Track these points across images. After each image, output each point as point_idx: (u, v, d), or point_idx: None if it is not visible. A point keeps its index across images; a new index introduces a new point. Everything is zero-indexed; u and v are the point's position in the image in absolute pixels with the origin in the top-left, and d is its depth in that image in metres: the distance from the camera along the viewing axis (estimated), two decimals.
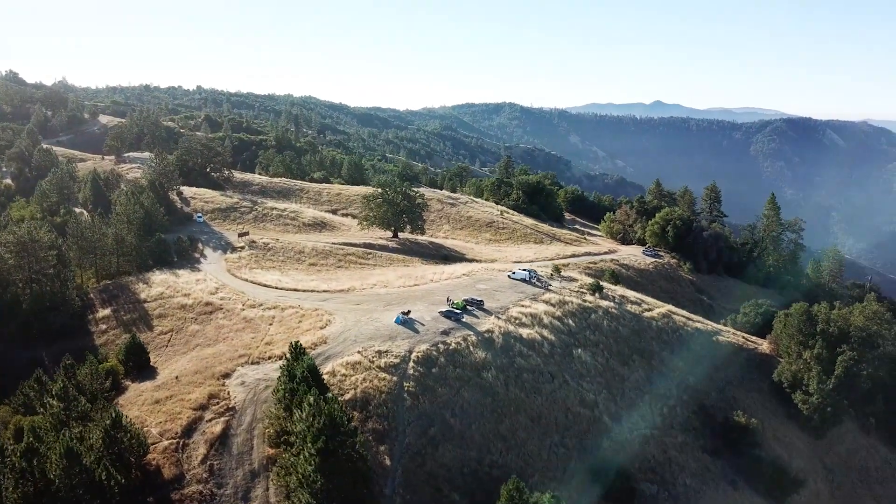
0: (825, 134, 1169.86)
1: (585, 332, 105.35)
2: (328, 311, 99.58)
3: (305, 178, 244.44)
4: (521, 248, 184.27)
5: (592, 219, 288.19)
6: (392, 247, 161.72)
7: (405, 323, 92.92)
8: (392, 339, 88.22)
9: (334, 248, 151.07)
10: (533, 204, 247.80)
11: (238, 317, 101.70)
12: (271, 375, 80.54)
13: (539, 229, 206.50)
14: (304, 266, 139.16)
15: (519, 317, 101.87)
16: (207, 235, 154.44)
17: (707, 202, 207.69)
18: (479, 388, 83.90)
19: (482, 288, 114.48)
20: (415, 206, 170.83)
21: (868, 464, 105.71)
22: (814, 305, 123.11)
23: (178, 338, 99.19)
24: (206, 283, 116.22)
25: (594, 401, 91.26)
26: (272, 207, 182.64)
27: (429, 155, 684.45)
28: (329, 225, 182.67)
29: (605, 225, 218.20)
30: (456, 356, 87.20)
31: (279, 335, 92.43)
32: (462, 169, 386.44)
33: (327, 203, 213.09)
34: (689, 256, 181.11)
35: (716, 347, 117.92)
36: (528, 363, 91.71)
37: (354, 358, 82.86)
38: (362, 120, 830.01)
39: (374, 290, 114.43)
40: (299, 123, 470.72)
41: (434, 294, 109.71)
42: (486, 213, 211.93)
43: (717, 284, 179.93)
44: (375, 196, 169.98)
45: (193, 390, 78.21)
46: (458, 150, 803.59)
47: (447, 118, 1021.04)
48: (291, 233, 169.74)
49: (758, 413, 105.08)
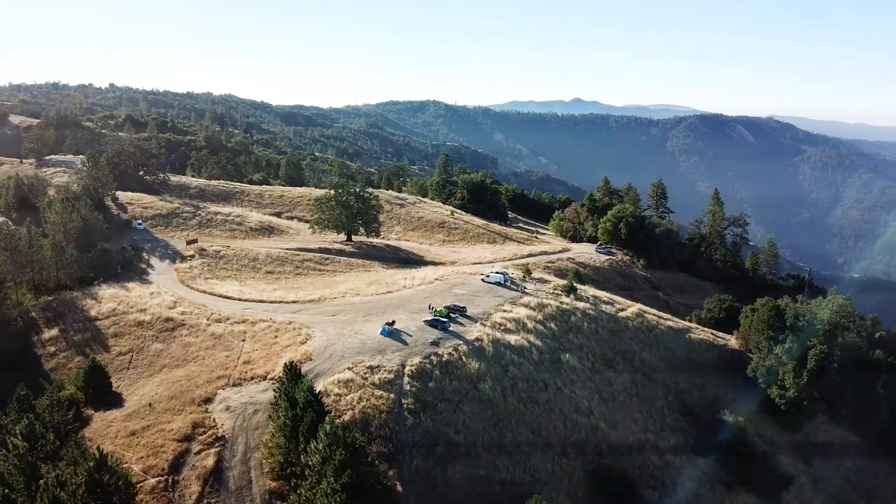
0: (735, 129, 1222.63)
1: (568, 335, 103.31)
2: (304, 325, 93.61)
3: (243, 179, 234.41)
4: (476, 248, 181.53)
5: (533, 216, 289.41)
6: (349, 251, 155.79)
7: (392, 334, 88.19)
8: (381, 353, 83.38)
9: (290, 255, 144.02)
10: (478, 203, 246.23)
11: (205, 333, 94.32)
12: (259, 398, 74.57)
13: (490, 229, 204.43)
14: (260, 274, 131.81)
15: (503, 322, 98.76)
16: (151, 244, 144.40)
17: (654, 198, 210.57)
18: (478, 402, 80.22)
19: (459, 293, 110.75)
20: (370, 209, 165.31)
21: (842, 453, 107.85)
22: (778, 300, 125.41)
23: (139, 358, 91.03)
24: (162, 297, 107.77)
25: (589, 408, 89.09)
26: (216, 212, 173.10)
27: (357, 153, 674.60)
28: (277, 229, 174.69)
29: (554, 223, 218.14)
30: (450, 368, 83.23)
31: (257, 353, 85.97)
32: (398, 168, 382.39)
33: (270, 206, 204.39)
34: (642, 253, 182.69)
35: (689, 345, 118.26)
36: (521, 371, 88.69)
37: (346, 375, 77.68)
38: (286, 118, 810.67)
39: (346, 299, 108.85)
40: (224, 123, 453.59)
41: (412, 301, 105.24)
42: (436, 214, 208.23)
43: (670, 279, 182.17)
44: (328, 198, 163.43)
45: (173, 419, 71.29)
46: (386, 148, 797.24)
47: (372, 116, 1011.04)
48: (240, 238, 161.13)
49: (738, 410, 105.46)
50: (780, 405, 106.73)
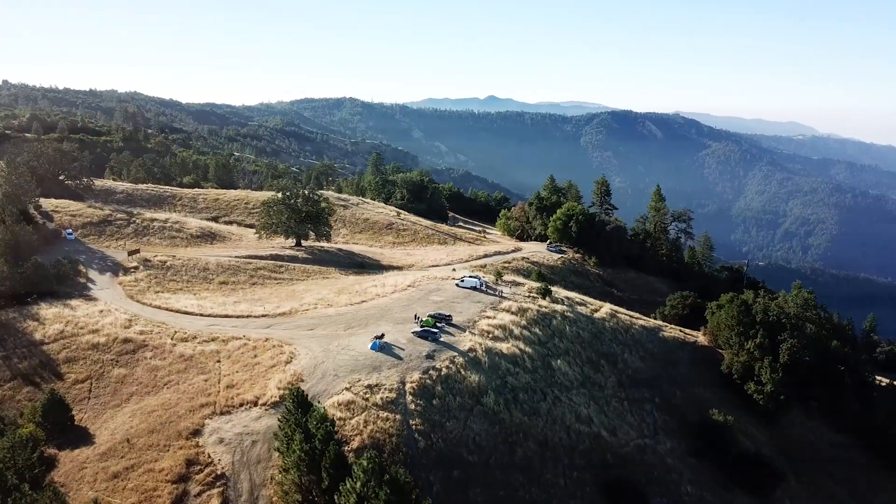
0: (644, 125, 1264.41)
1: (554, 339, 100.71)
2: (283, 341, 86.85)
3: (172, 182, 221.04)
4: (429, 250, 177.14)
5: (470, 215, 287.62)
6: (302, 257, 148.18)
7: (383, 349, 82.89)
8: (377, 370, 78.05)
9: (241, 263, 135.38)
10: (420, 203, 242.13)
11: (172, 354, 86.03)
12: (254, 427, 67.96)
13: (439, 230, 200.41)
14: (214, 285, 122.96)
15: (490, 330, 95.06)
16: (86, 255, 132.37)
17: (598, 196, 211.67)
18: (484, 417, 76.23)
19: (438, 300, 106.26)
20: (320, 212, 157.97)
21: (818, 445, 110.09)
22: (743, 296, 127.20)
23: (100, 386, 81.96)
24: (115, 315, 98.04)
25: (588, 416, 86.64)
26: (152, 219, 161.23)
27: (275, 152, 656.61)
28: (219, 235, 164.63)
29: (501, 222, 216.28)
30: (450, 383, 78.86)
31: (239, 375, 78.80)
32: (327, 167, 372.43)
33: (205, 210, 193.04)
34: (593, 250, 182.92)
35: (664, 344, 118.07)
36: (519, 381, 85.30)
37: (345, 397, 72.02)
38: (198, 117, 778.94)
39: (319, 311, 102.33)
40: (137, 122, 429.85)
41: (392, 311, 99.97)
42: (382, 215, 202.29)
43: (621, 276, 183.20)
44: (276, 202, 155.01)
45: (160, 456, 63.82)
46: (304, 146, 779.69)
47: (288, 114, 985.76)
48: (181, 246, 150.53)
49: (720, 407, 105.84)
50: (758, 401, 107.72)
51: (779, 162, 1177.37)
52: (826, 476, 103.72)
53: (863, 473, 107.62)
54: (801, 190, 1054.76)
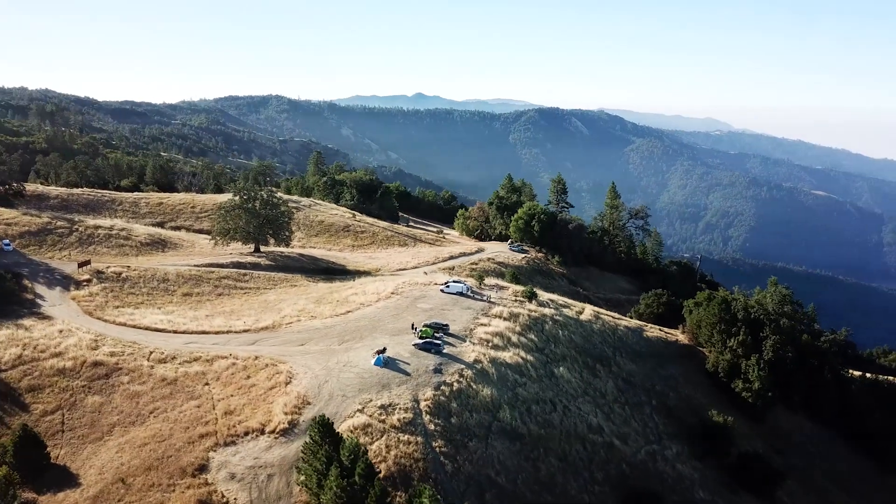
0: (571, 122, 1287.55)
1: (550, 345, 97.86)
2: (276, 359, 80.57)
3: (108, 186, 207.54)
4: (392, 253, 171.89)
5: (419, 215, 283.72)
6: (265, 264, 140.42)
7: (388, 364, 77.91)
8: (386, 388, 73.05)
9: (202, 272, 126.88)
10: (371, 204, 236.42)
11: (152, 378, 78.41)
12: (267, 459, 61.95)
13: (397, 231, 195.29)
14: (177, 298, 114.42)
15: (489, 338, 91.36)
16: (29, 268, 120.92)
17: (554, 194, 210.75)
18: (503, 434, 72.46)
19: (426, 307, 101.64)
20: (280, 215, 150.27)
21: (803, 440, 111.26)
22: (720, 294, 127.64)
23: (75, 417, 73.68)
24: (78, 335, 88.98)
25: (598, 425, 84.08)
26: (96, 226, 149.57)
27: (202, 151, 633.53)
28: (170, 242, 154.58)
29: (459, 222, 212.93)
30: (464, 398, 74.70)
31: (235, 399, 72.21)
32: (265, 167, 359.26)
33: (149, 216, 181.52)
34: (555, 249, 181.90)
35: (649, 344, 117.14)
36: (529, 392, 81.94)
37: (360, 419, 66.83)
38: (117, 116, 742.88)
39: (304, 323, 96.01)
40: (56, 121, 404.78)
41: (383, 322, 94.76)
42: (337, 217, 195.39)
43: (583, 274, 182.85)
44: (233, 205, 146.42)
45: (166, 498, 57.17)
46: (231, 145, 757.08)
47: (212, 112, 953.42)
48: (132, 256, 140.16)
49: (710, 407, 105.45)
50: (746, 398, 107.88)
51: (699, 157, 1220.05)
52: (816, 471, 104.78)
53: (848, 466, 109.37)
54: (721, 183, 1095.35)
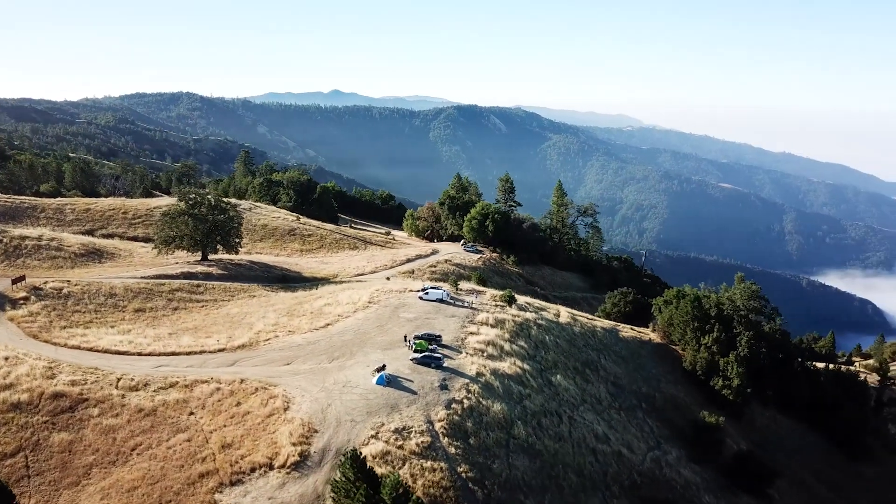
0: (489, 119, 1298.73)
1: (540, 352, 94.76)
2: (265, 382, 73.76)
3: (26, 192, 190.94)
4: (344, 257, 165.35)
5: (356, 215, 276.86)
6: (217, 273, 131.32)
7: (391, 383, 72.55)
8: (396, 410, 67.83)
9: (152, 285, 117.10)
10: (310, 205, 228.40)
11: (127, 409, 70.15)
12: (283, 498, 55.90)
13: (346, 233, 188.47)
14: (129, 314, 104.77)
15: (482, 348, 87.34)
16: None
17: (502, 193, 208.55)
18: (522, 452, 68.63)
19: (410, 317, 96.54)
20: (230, 221, 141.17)
21: (780, 434, 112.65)
22: (690, 291, 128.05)
23: (41, 459, 64.79)
24: (27, 362, 79.04)
25: (604, 434, 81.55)
26: (22, 236, 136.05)
27: (112, 151, 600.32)
28: (107, 252, 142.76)
29: (408, 223, 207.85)
30: (476, 416, 70.43)
31: (230, 430, 65.22)
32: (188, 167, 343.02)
33: (76, 223, 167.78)
34: (509, 248, 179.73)
35: (627, 345, 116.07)
36: (535, 405, 78.47)
37: (377, 447, 61.44)
38: (15, 114, 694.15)
39: (283, 339, 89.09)
40: None
41: (369, 335, 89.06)
42: (281, 221, 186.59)
43: (538, 273, 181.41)
44: (179, 211, 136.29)
45: None
46: (142, 144, 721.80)
47: (119, 110, 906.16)
48: (66, 268, 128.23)
49: (693, 406, 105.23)
50: (726, 396, 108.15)
51: (613, 152, 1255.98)
52: (795, 463, 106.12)
53: (821, 457, 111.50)
54: (635, 178, 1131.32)
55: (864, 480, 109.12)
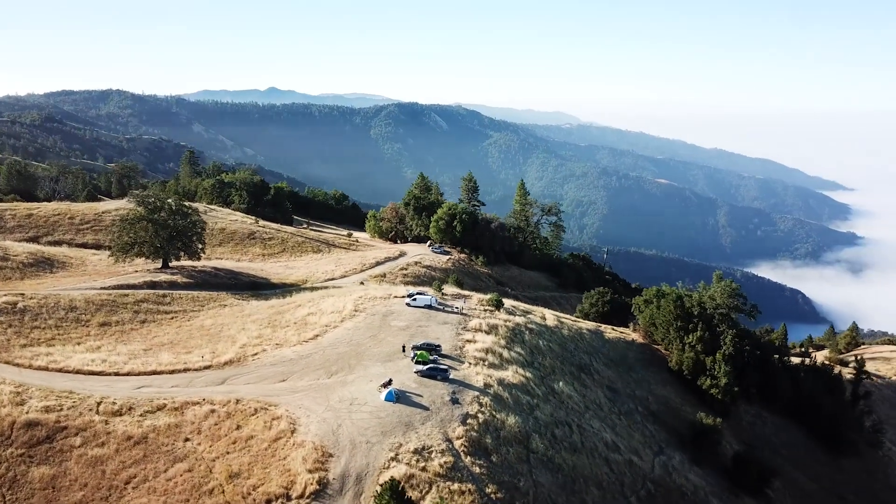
0: (430, 117, 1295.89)
1: (537, 358, 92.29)
2: (264, 402, 68.63)
3: None
4: (310, 261, 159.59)
5: (310, 216, 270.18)
6: (182, 282, 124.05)
7: (400, 398, 68.54)
8: (411, 428, 63.97)
9: (115, 297, 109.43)
10: (264, 206, 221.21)
11: (114, 437, 63.98)
12: None
13: (307, 236, 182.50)
14: (94, 329, 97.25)
15: (482, 356, 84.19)
16: None
17: (466, 192, 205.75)
18: (543, 466, 65.85)
19: (400, 325, 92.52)
20: (192, 226, 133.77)
21: (766, 432, 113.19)
22: (669, 289, 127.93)
23: (20, 498, 58.07)
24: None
25: (613, 442, 79.53)
26: None
27: (39, 151, 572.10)
28: (57, 261, 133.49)
29: (371, 224, 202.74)
30: (493, 431, 67.23)
31: (236, 458, 60.02)
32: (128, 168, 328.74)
33: (19, 230, 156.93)
34: (476, 249, 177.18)
35: (613, 346, 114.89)
36: (545, 415, 75.82)
37: (400, 470, 57.53)
38: None
39: (273, 353, 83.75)
40: None
41: (363, 346, 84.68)
42: (239, 224, 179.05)
43: (506, 274, 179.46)
44: (138, 216, 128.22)
45: None
46: (72, 144, 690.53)
47: (44, 108, 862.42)
48: (15, 279, 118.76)
49: (683, 406, 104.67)
50: (715, 395, 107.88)
51: (553, 149, 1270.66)
52: (785, 461, 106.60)
53: (806, 453, 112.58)
54: (574, 174, 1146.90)
55: (846, 473, 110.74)
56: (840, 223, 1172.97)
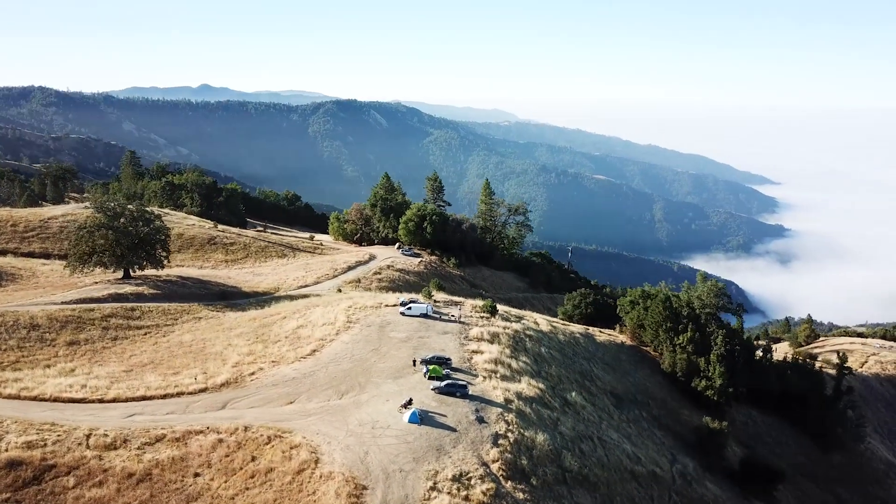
0: (370, 114, 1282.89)
1: (543, 367, 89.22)
2: (275, 428, 62.94)
3: None
4: (277, 267, 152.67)
5: (263, 218, 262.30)
6: (148, 293, 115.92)
7: (424, 420, 64.05)
8: (443, 452, 59.69)
9: (79, 312, 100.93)
10: (218, 209, 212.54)
11: (114, 476, 57.36)
12: None
13: (269, 240, 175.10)
14: (62, 349, 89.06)
15: (493, 368, 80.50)
16: None
17: (431, 192, 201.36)
18: (579, 485, 62.87)
19: (400, 337, 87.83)
20: (156, 232, 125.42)
21: (758, 431, 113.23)
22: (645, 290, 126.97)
23: None
24: None
25: (633, 453, 77.07)
26: None
27: None
28: (6, 273, 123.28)
29: (335, 226, 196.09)
30: (526, 450, 63.70)
31: (258, 493, 54.35)
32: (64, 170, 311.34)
33: None
34: (447, 251, 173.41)
35: (606, 350, 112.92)
36: (568, 429, 72.78)
37: (441, 500, 53.51)
38: None
39: (270, 372, 77.84)
40: None
41: (369, 361, 79.65)
42: (197, 229, 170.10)
43: (479, 276, 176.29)
44: (97, 223, 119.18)
45: None
46: None
47: None
48: None
49: (679, 409, 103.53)
50: (710, 396, 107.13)
51: (493, 147, 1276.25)
52: (779, 459, 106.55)
53: (797, 449, 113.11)
54: (515, 172, 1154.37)
55: (837, 469, 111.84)
56: (768, 216, 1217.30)
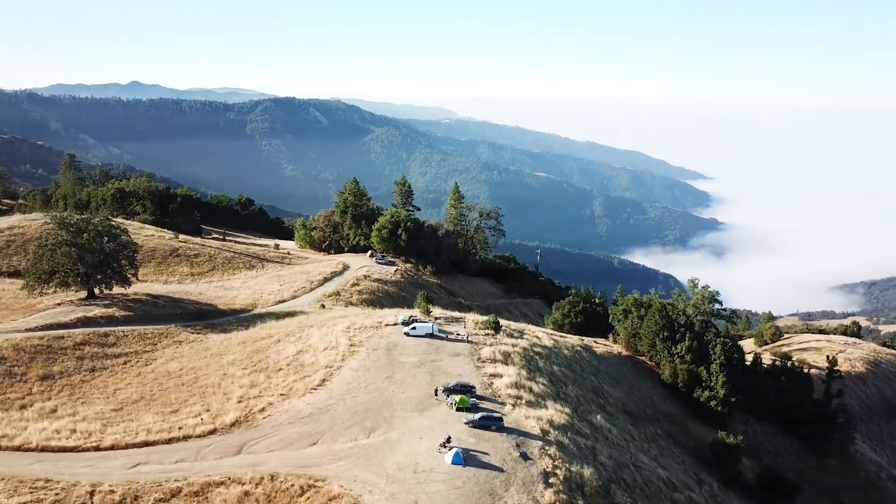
0: (309, 112, 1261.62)
1: (560, 387, 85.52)
2: (306, 475, 56.90)
3: None
4: (248, 280, 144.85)
5: (217, 224, 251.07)
6: (120, 316, 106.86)
7: (468, 460, 59.20)
8: (496, 497, 55.16)
9: (48, 340, 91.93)
10: (171, 216, 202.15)
11: None
12: None
13: (234, 250, 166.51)
14: (35, 385, 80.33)
15: (517, 394, 76.24)
16: None
17: (400, 197, 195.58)
18: None
19: (411, 361, 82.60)
20: (123, 248, 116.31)
21: (759, 439, 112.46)
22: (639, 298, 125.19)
23: None
24: None
25: (667, 478, 74.08)
26: None
27: None
28: None
29: (301, 234, 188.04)
30: (576, 488, 59.79)
31: None
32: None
33: None
34: (422, 258, 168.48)
35: (608, 363, 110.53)
36: (605, 458, 69.20)
37: None
38: None
39: (281, 408, 71.34)
40: None
41: (388, 391, 74.05)
42: (157, 240, 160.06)
43: (455, 283, 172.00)
44: (59, 240, 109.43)
45: None
46: None
47: None
48: None
49: (685, 420, 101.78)
50: (713, 407, 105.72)
51: (434, 144, 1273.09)
52: (781, 468, 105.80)
53: (795, 456, 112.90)
54: (457, 169, 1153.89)
55: (835, 474, 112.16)
56: (702, 210, 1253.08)
